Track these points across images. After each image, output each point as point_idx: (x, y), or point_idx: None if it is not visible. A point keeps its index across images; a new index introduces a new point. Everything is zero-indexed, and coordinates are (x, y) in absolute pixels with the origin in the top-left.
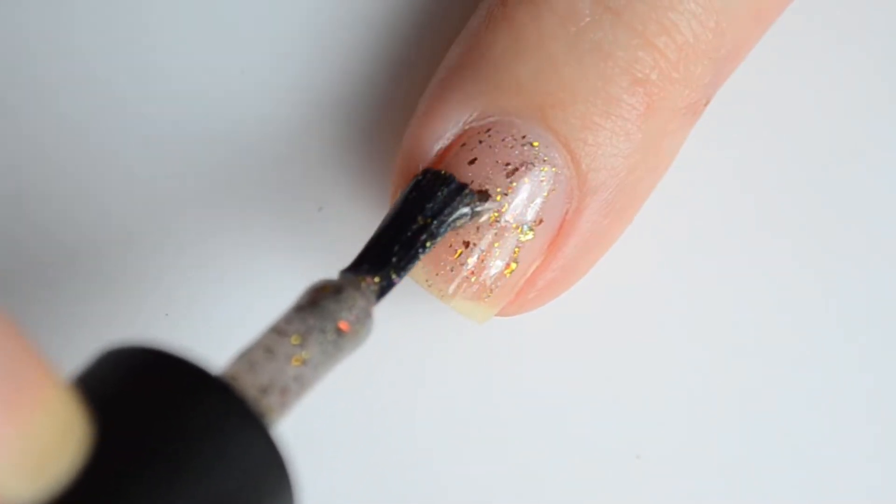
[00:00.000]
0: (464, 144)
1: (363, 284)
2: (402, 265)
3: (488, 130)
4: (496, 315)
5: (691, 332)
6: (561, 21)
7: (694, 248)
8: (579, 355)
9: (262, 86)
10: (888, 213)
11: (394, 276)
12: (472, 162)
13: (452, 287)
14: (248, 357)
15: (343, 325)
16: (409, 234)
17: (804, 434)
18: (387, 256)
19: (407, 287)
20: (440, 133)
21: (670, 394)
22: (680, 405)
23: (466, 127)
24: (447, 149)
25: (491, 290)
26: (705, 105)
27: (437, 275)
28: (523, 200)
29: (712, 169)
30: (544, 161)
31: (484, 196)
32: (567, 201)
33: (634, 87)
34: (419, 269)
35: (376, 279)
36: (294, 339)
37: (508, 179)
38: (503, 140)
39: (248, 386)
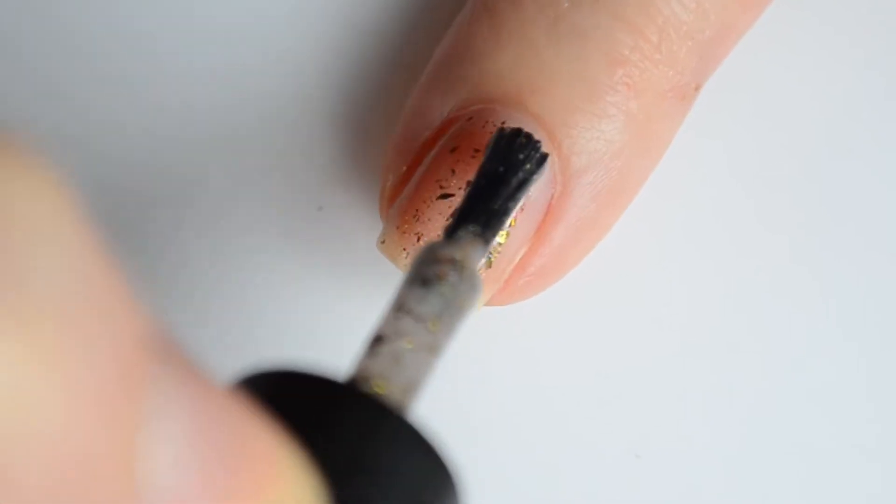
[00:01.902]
0: (446, 133)
1: (470, 249)
2: (497, 228)
3: (470, 118)
4: (486, 304)
5: (691, 330)
6: (540, 7)
7: (695, 247)
8: (578, 354)
9: (262, 86)
10: (887, 208)
11: (490, 237)
12: (453, 150)
13: None
14: (392, 351)
15: (467, 302)
16: (505, 196)
17: (804, 433)
18: (486, 217)
19: (392, 276)
20: (427, 124)
21: (670, 393)
22: (680, 404)
23: (450, 117)
24: (431, 138)
25: None
26: (695, 90)
27: None
28: None
29: (713, 164)
30: None
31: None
32: (551, 186)
33: (614, 68)
34: (402, 256)
35: (480, 241)
36: (432, 326)
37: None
38: (483, 126)
39: (396, 389)
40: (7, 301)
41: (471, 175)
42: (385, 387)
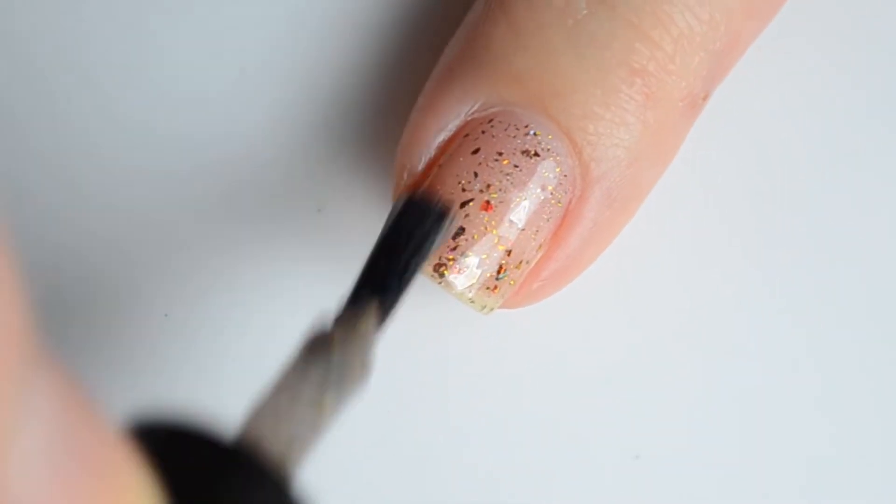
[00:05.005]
0: (467, 135)
1: (363, 320)
2: (397, 297)
3: (491, 121)
4: (500, 308)
5: (691, 332)
6: (558, 14)
7: (695, 248)
8: (578, 355)
9: (262, 86)
10: (888, 211)
11: (390, 306)
12: (475, 152)
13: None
14: (272, 407)
15: (358, 369)
16: (402, 264)
17: (803, 434)
18: (384, 285)
19: None
20: (442, 125)
21: (669, 394)
22: (679, 405)
23: (469, 118)
24: (449, 140)
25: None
26: (704, 100)
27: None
28: None
29: (715, 168)
30: (547, 150)
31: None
32: (570, 191)
33: (632, 77)
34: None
35: (378, 311)
36: (320, 391)
37: (518, 168)
38: (506, 130)
39: (275, 441)
40: None
41: (492, 179)
42: (271, 444)
